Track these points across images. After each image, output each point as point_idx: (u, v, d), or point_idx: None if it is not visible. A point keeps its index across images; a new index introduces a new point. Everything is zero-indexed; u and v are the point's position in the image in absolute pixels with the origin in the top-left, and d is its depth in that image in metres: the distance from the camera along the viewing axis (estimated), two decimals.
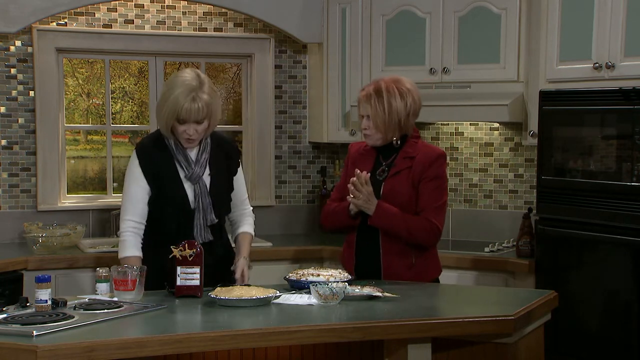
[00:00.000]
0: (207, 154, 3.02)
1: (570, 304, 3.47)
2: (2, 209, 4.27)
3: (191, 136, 2.93)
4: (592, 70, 3.58)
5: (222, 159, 3.08)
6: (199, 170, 2.99)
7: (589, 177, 3.53)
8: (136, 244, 2.98)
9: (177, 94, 2.87)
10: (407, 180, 3.07)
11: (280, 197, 4.80)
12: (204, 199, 2.98)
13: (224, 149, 3.11)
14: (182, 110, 2.86)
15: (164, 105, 2.91)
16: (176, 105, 2.87)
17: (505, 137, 4.42)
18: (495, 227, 4.37)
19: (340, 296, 2.64)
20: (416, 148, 3.12)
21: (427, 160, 3.09)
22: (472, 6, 4.11)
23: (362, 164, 3.15)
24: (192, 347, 2.29)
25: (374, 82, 3.15)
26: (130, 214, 2.99)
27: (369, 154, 3.18)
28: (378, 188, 3.09)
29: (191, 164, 2.98)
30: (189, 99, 2.87)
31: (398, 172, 3.09)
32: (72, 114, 4.67)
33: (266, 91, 4.72)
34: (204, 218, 2.98)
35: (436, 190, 3.09)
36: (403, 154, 3.11)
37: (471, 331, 2.53)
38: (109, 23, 4.43)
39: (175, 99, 2.87)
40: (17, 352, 2.13)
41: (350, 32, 4.42)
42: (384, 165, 3.13)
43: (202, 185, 2.98)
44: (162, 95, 2.96)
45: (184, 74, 2.93)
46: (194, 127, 2.91)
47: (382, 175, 3.13)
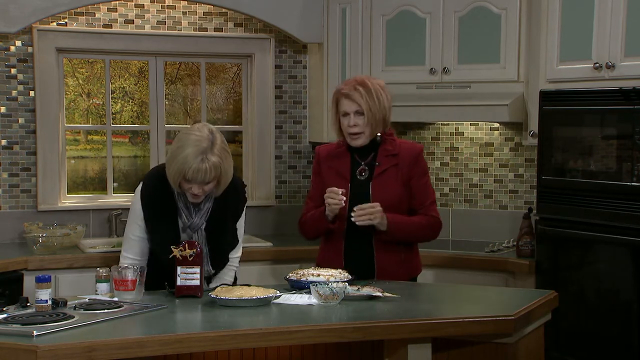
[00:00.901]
0: (210, 203, 2.94)
1: (570, 304, 3.47)
2: (3, 209, 4.27)
3: (197, 195, 2.86)
4: (592, 70, 3.58)
5: (225, 210, 2.99)
6: (199, 220, 2.93)
7: (589, 177, 3.53)
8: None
9: (187, 153, 2.78)
10: (395, 179, 3.08)
11: (280, 197, 4.80)
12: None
13: (230, 199, 3.00)
14: (190, 171, 2.78)
15: (173, 161, 2.82)
16: (184, 165, 2.78)
17: (506, 137, 4.42)
18: (496, 227, 4.37)
19: (341, 296, 2.64)
20: (395, 145, 3.12)
21: (412, 156, 3.11)
22: (472, 6, 4.11)
23: (339, 166, 3.12)
24: (192, 347, 2.29)
25: (353, 81, 3.11)
26: (129, 252, 2.99)
27: (343, 154, 3.14)
28: (363, 188, 3.07)
29: (191, 213, 2.93)
30: (198, 161, 2.77)
31: (384, 170, 3.08)
32: (72, 114, 4.67)
33: (266, 91, 4.72)
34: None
35: (428, 185, 3.15)
36: (384, 152, 3.10)
37: (471, 331, 2.53)
38: (109, 23, 4.44)
39: (184, 158, 2.78)
40: (17, 352, 2.13)
41: (351, 32, 4.42)
42: (363, 164, 3.12)
43: (201, 235, 2.94)
44: (172, 150, 2.85)
45: (196, 132, 2.83)
46: (201, 187, 2.84)
47: (363, 175, 3.11)
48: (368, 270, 3.08)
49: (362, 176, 3.11)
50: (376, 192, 3.07)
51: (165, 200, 2.94)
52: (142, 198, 2.96)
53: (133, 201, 3.00)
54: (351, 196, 3.09)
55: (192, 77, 4.89)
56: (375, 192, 3.07)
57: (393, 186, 3.08)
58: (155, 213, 2.95)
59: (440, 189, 4.58)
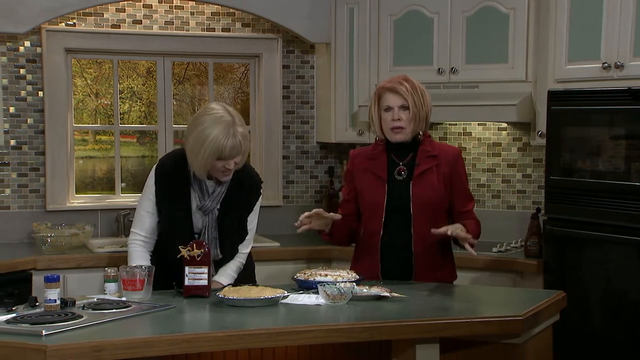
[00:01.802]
0: (223, 188, 2.97)
1: (578, 304, 3.46)
2: (11, 208, 4.29)
3: (230, 170, 2.89)
4: (600, 70, 3.57)
5: (239, 198, 3.01)
6: (211, 203, 2.95)
7: (598, 177, 3.52)
8: (143, 255, 2.99)
9: (216, 132, 2.81)
10: (437, 179, 3.04)
11: (287, 197, 4.80)
12: (210, 231, 2.95)
13: (245, 189, 3.03)
14: (227, 149, 2.81)
15: (202, 145, 2.82)
16: (218, 144, 2.80)
17: (514, 137, 4.41)
18: (504, 227, 4.35)
19: (348, 296, 2.64)
20: (434, 146, 3.10)
21: (453, 158, 3.09)
22: (480, 6, 4.10)
23: (375, 167, 3.08)
24: (200, 347, 2.29)
25: (396, 77, 3.09)
26: (138, 227, 3.02)
27: (379, 155, 3.10)
28: (402, 188, 3.04)
29: (205, 195, 2.95)
30: (230, 136, 2.82)
31: (424, 171, 3.04)
32: (80, 114, 4.69)
33: (274, 91, 4.72)
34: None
35: (468, 189, 3.15)
36: (423, 153, 3.06)
37: (479, 331, 2.52)
38: (117, 23, 4.45)
39: (216, 138, 2.80)
40: (26, 352, 2.14)
41: (358, 32, 4.42)
42: (401, 164, 3.09)
43: (212, 218, 2.96)
44: (196, 135, 2.85)
45: (212, 111, 2.87)
46: (233, 162, 2.88)
47: (402, 175, 3.07)
48: (405, 278, 3.04)
49: (400, 176, 3.06)
50: (417, 192, 3.02)
51: (180, 180, 2.96)
52: (157, 174, 2.98)
53: (148, 178, 3.02)
54: (389, 197, 3.05)
55: (200, 77, 4.90)
56: (415, 192, 3.02)
57: (434, 186, 3.03)
58: (169, 190, 2.96)
59: None
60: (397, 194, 3.05)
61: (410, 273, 3.06)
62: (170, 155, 3.12)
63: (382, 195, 3.05)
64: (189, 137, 2.90)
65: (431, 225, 3.01)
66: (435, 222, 3.04)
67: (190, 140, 2.88)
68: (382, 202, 3.04)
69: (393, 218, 3.05)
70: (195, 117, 2.92)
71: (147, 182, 3.02)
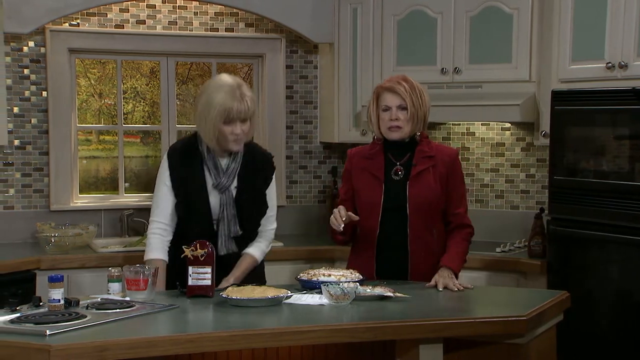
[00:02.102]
0: (237, 164, 2.99)
1: (582, 304, 3.45)
2: (15, 208, 4.30)
3: (238, 136, 2.91)
4: (604, 70, 3.57)
5: (254, 172, 3.04)
6: (227, 180, 2.97)
7: (601, 178, 3.52)
8: (162, 246, 2.99)
9: (223, 95, 2.87)
10: (434, 180, 3.05)
11: (291, 197, 4.80)
12: (229, 209, 2.96)
13: (258, 162, 3.07)
14: (233, 109, 2.87)
15: (209, 109, 2.88)
16: (225, 105, 2.86)
17: (517, 137, 4.40)
18: (507, 227, 4.35)
19: (352, 296, 2.64)
20: (431, 147, 3.10)
21: (450, 159, 3.09)
22: (484, 6, 4.10)
23: (372, 166, 3.10)
24: (204, 347, 2.29)
25: (394, 77, 3.10)
26: (157, 215, 3.01)
27: (377, 154, 3.11)
28: (399, 189, 3.05)
29: (220, 172, 2.97)
30: (237, 98, 2.88)
31: (421, 171, 3.05)
32: (84, 114, 4.69)
33: (277, 91, 4.72)
34: (228, 229, 2.97)
35: (463, 191, 3.14)
36: (421, 153, 3.07)
37: (483, 332, 2.52)
38: (120, 23, 4.45)
39: (222, 99, 2.87)
40: (30, 351, 2.14)
41: (362, 32, 4.42)
42: (398, 164, 3.10)
43: (229, 196, 2.97)
44: (204, 101, 2.91)
45: (220, 78, 2.96)
46: (240, 127, 2.91)
47: (399, 175, 3.09)
48: (401, 277, 3.05)
49: (397, 176, 3.08)
50: (413, 192, 3.04)
51: (192, 160, 2.98)
52: (169, 158, 3.00)
53: (160, 167, 3.04)
54: (386, 197, 3.06)
55: (204, 77, 4.90)
56: (412, 192, 3.04)
57: (431, 187, 3.04)
58: (183, 172, 2.98)
59: None
60: (394, 194, 3.06)
61: (406, 272, 3.07)
62: (180, 139, 3.19)
63: (379, 194, 3.06)
64: (198, 104, 2.95)
65: (427, 225, 3.05)
66: (431, 222, 3.07)
67: (199, 107, 2.94)
68: (378, 202, 3.06)
69: (389, 217, 3.06)
70: (203, 86, 2.99)
71: (161, 169, 3.03)
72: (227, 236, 2.97)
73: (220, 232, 2.96)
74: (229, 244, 2.98)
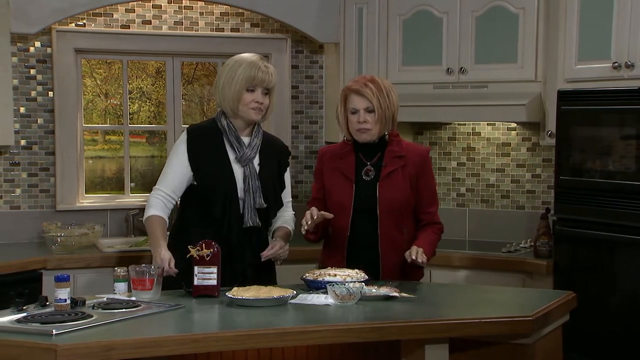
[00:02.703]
0: (258, 141, 3.06)
1: (588, 304, 3.44)
2: (22, 208, 4.31)
3: (260, 104, 3.00)
4: (611, 70, 3.56)
5: (273, 154, 3.12)
6: (250, 152, 3.02)
7: (608, 178, 3.51)
8: (161, 207, 3.00)
9: (247, 64, 3.00)
10: (403, 180, 3.06)
11: (296, 197, 4.79)
12: (253, 181, 3.00)
13: (276, 146, 3.17)
14: (258, 77, 2.98)
15: (234, 77, 2.99)
16: (251, 71, 2.98)
17: (523, 137, 4.40)
18: (513, 227, 4.35)
19: (357, 296, 2.64)
20: (402, 146, 3.11)
21: (420, 159, 3.10)
22: (490, 6, 4.09)
23: (344, 166, 3.11)
24: (209, 347, 2.29)
25: (362, 78, 3.11)
26: (162, 184, 3.03)
27: (348, 154, 3.12)
28: (369, 190, 3.06)
29: (243, 145, 3.02)
30: (261, 68, 3.01)
31: (391, 172, 3.06)
32: (90, 114, 4.70)
33: (283, 91, 4.72)
34: (253, 200, 2.99)
35: (434, 189, 3.16)
36: (391, 153, 3.08)
37: (489, 332, 2.52)
38: (126, 24, 4.46)
39: (249, 65, 2.99)
40: (36, 351, 2.15)
41: (367, 32, 4.42)
42: (369, 165, 3.11)
43: (252, 169, 3.01)
44: (228, 71, 3.02)
45: (244, 54, 3.08)
46: (262, 96, 3.00)
47: (369, 175, 3.09)
48: (373, 274, 3.04)
49: (368, 176, 3.09)
50: (383, 194, 3.05)
51: (214, 136, 3.03)
52: (189, 135, 3.04)
53: (177, 142, 3.08)
54: (357, 197, 3.07)
55: (209, 77, 4.91)
56: (382, 194, 3.05)
57: (400, 188, 3.06)
58: (204, 147, 3.01)
59: (456, 189, 4.57)
60: (365, 195, 3.07)
61: (378, 272, 3.07)
62: (198, 123, 3.27)
63: (350, 195, 3.07)
64: (221, 76, 3.05)
65: (398, 225, 3.07)
66: (402, 222, 3.08)
67: (222, 77, 3.04)
68: (349, 203, 3.07)
69: (360, 218, 3.07)
70: (227, 61, 3.09)
71: (177, 145, 3.06)
72: (252, 208, 2.99)
73: (246, 205, 2.99)
74: (254, 217, 3.00)
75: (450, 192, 4.57)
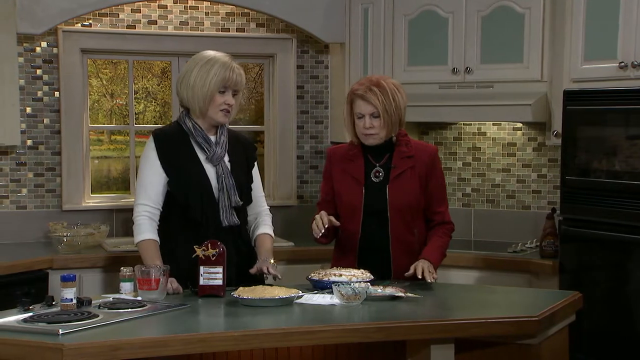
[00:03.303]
0: (225, 138, 3.03)
1: (594, 305, 3.44)
2: (28, 208, 4.32)
3: (230, 106, 2.98)
4: (617, 70, 3.55)
5: (240, 150, 3.09)
6: (220, 151, 2.99)
7: (614, 178, 3.50)
8: (151, 227, 2.94)
9: (219, 66, 2.95)
10: (413, 181, 3.05)
11: (301, 197, 4.80)
12: (227, 180, 2.97)
13: (242, 142, 3.13)
14: (232, 78, 2.95)
15: (207, 75, 2.93)
16: (223, 75, 2.94)
17: (529, 137, 4.39)
18: (518, 227, 4.34)
19: (363, 296, 2.64)
20: (410, 146, 3.10)
21: (429, 158, 3.09)
22: (495, 5, 4.08)
23: (353, 169, 3.10)
24: (215, 347, 2.30)
25: (367, 81, 3.08)
26: (143, 198, 2.95)
27: (356, 156, 3.11)
28: (377, 190, 3.05)
29: (212, 145, 2.99)
30: (235, 67, 2.98)
31: (401, 173, 3.06)
32: (95, 114, 4.71)
33: (288, 91, 4.73)
34: (228, 199, 2.96)
35: (444, 188, 3.14)
36: (400, 154, 3.07)
37: (494, 332, 2.52)
38: (132, 24, 4.47)
39: (221, 67, 2.95)
40: (43, 351, 2.16)
41: (373, 32, 4.42)
42: (378, 166, 3.10)
43: (224, 167, 2.99)
44: (199, 69, 2.96)
45: (208, 52, 3.02)
46: (231, 98, 2.98)
47: (379, 177, 3.09)
48: (383, 276, 3.05)
49: (377, 178, 3.08)
50: (393, 196, 3.04)
51: (181, 138, 2.99)
52: (156, 140, 2.99)
53: (145, 150, 3.02)
54: (366, 200, 3.07)
55: None
56: (392, 196, 3.04)
57: (410, 189, 3.05)
58: (173, 151, 2.98)
59: (462, 189, 4.57)
60: (374, 197, 3.07)
61: (389, 274, 3.07)
62: (161, 127, 3.23)
63: (360, 197, 3.07)
64: (189, 75, 2.98)
65: (408, 226, 3.06)
66: (412, 223, 3.07)
67: (192, 77, 2.97)
68: (359, 205, 3.06)
69: (371, 220, 3.07)
70: (192, 60, 3.02)
71: (145, 152, 3.01)
72: (228, 207, 2.96)
73: (221, 204, 2.95)
74: (230, 216, 2.96)
75: (456, 192, 4.57)
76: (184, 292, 2.83)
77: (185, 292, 2.82)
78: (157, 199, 2.96)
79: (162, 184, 2.96)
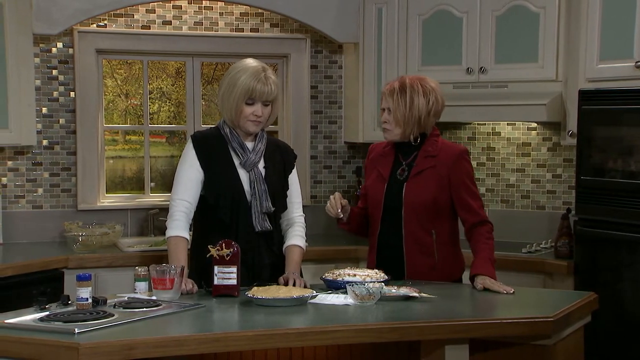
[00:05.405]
0: (262, 146, 3.04)
1: (609, 306, 3.42)
2: (44, 208, 4.35)
3: (259, 117, 2.97)
4: (633, 69, 3.53)
5: (278, 156, 3.10)
6: (255, 157, 3.00)
7: (629, 178, 3.48)
8: (185, 224, 2.97)
9: (247, 76, 2.95)
10: (431, 180, 3.04)
11: (315, 197, 4.81)
12: (259, 186, 2.98)
13: (281, 149, 3.14)
14: (258, 87, 2.93)
15: (233, 89, 2.95)
16: (250, 84, 2.93)
17: (543, 137, 4.37)
18: (533, 227, 4.32)
19: (377, 296, 2.64)
20: (436, 147, 3.09)
21: (450, 159, 3.05)
22: (510, 5, 4.07)
23: (382, 165, 3.13)
24: (230, 346, 2.30)
25: (400, 78, 3.14)
26: (181, 193, 2.98)
27: (389, 153, 3.15)
28: (397, 188, 3.07)
29: (246, 151, 3.01)
30: (262, 79, 2.95)
31: (420, 171, 3.06)
32: (110, 114, 4.74)
33: (302, 91, 4.73)
34: (260, 205, 2.97)
35: (473, 188, 3.09)
36: (424, 153, 3.08)
37: (509, 332, 2.51)
38: (147, 24, 4.49)
39: (248, 78, 2.94)
40: (59, 349, 2.17)
41: (387, 32, 4.41)
42: (404, 164, 3.11)
43: (258, 173, 3.00)
44: (228, 81, 2.98)
45: (245, 61, 3.03)
46: (261, 109, 2.97)
47: (402, 175, 3.09)
48: (399, 274, 3.05)
49: (401, 176, 3.10)
50: (409, 194, 3.05)
51: (218, 142, 3.02)
52: (194, 141, 3.02)
53: (184, 151, 3.04)
54: (387, 196, 3.08)
55: None
56: (407, 194, 3.05)
57: (427, 188, 3.04)
58: (209, 153, 3.00)
59: None
60: (393, 194, 3.07)
61: (403, 273, 3.07)
62: (201, 130, 3.24)
63: (381, 194, 3.09)
64: (222, 84, 3.02)
65: (424, 225, 3.04)
66: (429, 223, 3.04)
67: (223, 86, 3.01)
68: (380, 201, 3.09)
69: (388, 217, 3.08)
70: (229, 68, 3.05)
71: (185, 152, 3.04)
72: (260, 213, 2.98)
73: (253, 210, 2.97)
74: (262, 222, 2.98)
75: None
76: (199, 291, 2.84)
77: (199, 291, 2.83)
78: (194, 195, 2.99)
79: (199, 181, 2.99)
